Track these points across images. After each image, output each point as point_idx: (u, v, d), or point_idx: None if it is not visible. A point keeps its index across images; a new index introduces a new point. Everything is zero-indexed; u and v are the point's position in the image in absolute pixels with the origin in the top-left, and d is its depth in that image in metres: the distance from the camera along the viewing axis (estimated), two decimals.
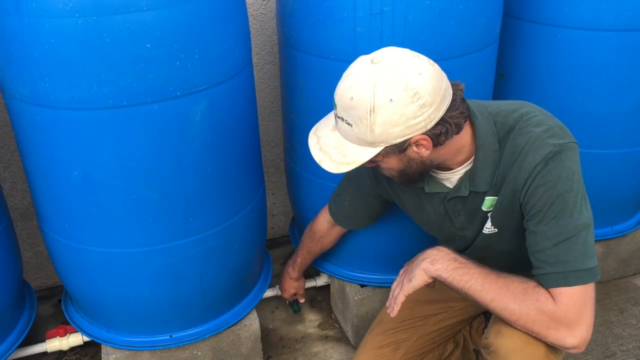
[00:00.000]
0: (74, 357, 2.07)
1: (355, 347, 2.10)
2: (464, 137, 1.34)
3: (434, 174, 1.44)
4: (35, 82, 1.38)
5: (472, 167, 1.38)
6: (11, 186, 2.21)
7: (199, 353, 1.88)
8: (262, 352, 2.00)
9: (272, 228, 2.70)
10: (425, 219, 1.57)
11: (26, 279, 2.08)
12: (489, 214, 1.42)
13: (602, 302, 2.28)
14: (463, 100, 1.29)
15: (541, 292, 1.28)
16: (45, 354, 1.98)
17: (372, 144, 1.25)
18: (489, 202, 1.40)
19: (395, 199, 1.64)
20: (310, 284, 2.25)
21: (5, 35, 1.36)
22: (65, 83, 1.36)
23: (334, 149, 1.30)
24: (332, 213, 1.82)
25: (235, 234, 1.75)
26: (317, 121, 1.82)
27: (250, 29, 1.84)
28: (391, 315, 1.45)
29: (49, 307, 2.32)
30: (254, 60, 2.09)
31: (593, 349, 2.07)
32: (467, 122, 1.34)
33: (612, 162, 2.07)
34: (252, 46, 1.85)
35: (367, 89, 1.20)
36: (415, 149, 1.27)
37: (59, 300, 2.12)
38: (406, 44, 1.59)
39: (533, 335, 1.30)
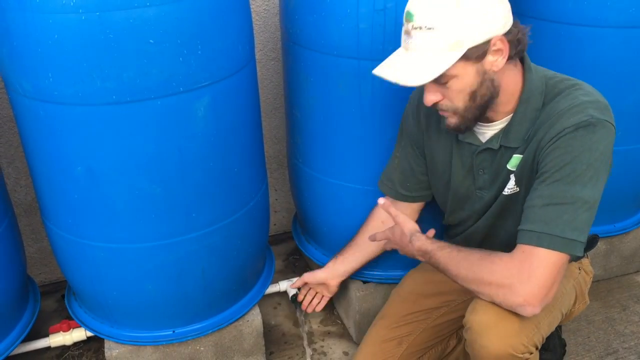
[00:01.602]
0: (77, 352, 2.08)
1: (357, 343, 2.10)
2: (518, 80, 1.36)
3: None
4: (39, 78, 1.39)
5: (509, 122, 1.39)
6: (15, 182, 2.22)
7: (202, 348, 1.88)
8: (264, 348, 2.01)
9: (275, 224, 2.70)
10: (449, 174, 1.56)
11: (30, 274, 2.09)
12: (511, 175, 1.43)
13: (604, 300, 2.28)
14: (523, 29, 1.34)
15: (495, 254, 1.32)
16: (48, 348, 1.98)
17: (455, 45, 1.24)
18: (515, 160, 1.41)
19: (426, 149, 1.61)
20: None
21: (8, 31, 1.36)
22: (69, 78, 1.36)
23: (412, 66, 1.28)
24: (381, 182, 1.76)
25: (237, 229, 1.75)
26: (320, 118, 1.84)
27: (254, 25, 1.84)
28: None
29: (53, 302, 2.33)
30: (257, 57, 2.09)
31: (595, 346, 2.07)
32: (521, 71, 1.37)
33: (616, 159, 2.05)
34: (255, 42, 1.85)
35: None
36: (491, 58, 1.29)
37: (63, 296, 2.12)
38: None
39: (495, 302, 1.32)
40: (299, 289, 2.15)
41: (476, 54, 1.27)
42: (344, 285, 2.15)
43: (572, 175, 1.26)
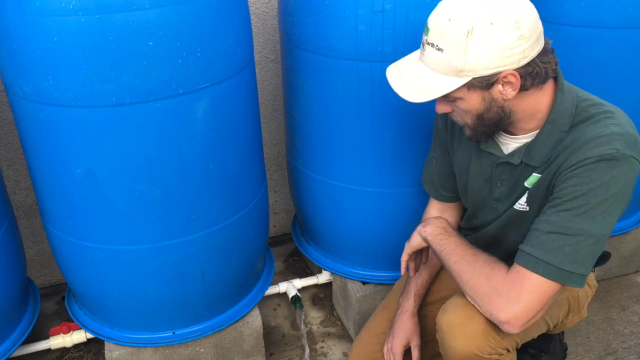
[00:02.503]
0: (77, 354, 2.08)
1: None
2: (544, 101, 1.32)
3: (495, 135, 1.43)
4: (39, 80, 1.39)
5: (534, 139, 1.36)
6: (15, 184, 2.22)
7: (202, 350, 1.88)
8: (264, 349, 2.01)
9: (274, 226, 2.70)
10: (466, 179, 1.55)
11: (30, 277, 2.09)
12: (526, 192, 1.41)
13: (604, 300, 2.29)
14: (553, 52, 1.30)
15: (499, 265, 1.31)
16: (48, 351, 1.99)
17: (460, 73, 1.23)
18: (533, 179, 1.38)
19: (450, 151, 1.60)
20: (312, 281, 2.26)
21: (8, 34, 1.37)
22: (69, 81, 1.37)
23: (417, 79, 1.28)
24: (424, 180, 1.72)
25: (237, 231, 1.76)
26: (319, 118, 1.85)
27: (253, 27, 1.85)
28: (401, 273, 1.56)
29: (53, 304, 2.33)
30: (256, 59, 2.10)
31: (594, 346, 2.07)
32: (552, 90, 1.33)
33: None
34: (255, 44, 1.86)
35: (467, 11, 1.20)
36: (501, 88, 1.26)
37: (63, 298, 2.13)
38: (408, 42, 1.60)
39: (476, 305, 1.32)
40: (299, 292, 2.16)
41: (482, 84, 1.25)
42: (343, 286, 2.15)
43: (583, 207, 1.23)
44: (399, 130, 1.74)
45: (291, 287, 2.19)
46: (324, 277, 2.26)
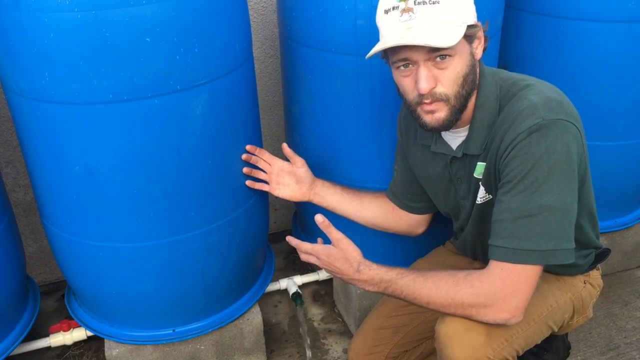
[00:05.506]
0: (77, 352, 2.08)
1: None
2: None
3: (442, 133, 1.45)
4: (35, 77, 1.38)
5: (469, 128, 1.38)
6: (14, 182, 2.22)
7: (202, 347, 1.88)
8: (265, 346, 2.00)
9: (275, 222, 2.70)
10: (432, 185, 1.57)
11: (29, 274, 2.09)
12: (480, 182, 1.41)
13: (606, 295, 2.28)
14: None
15: (473, 277, 1.29)
16: (49, 348, 1.99)
17: (458, 21, 1.24)
18: (480, 168, 1.39)
19: (409, 159, 1.62)
20: (312, 277, 2.25)
21: (4, 30, 1.36)
22: (65, 78, 1.36)
23: (427, 33, 1.21)
24: (387, 194, 1.75)
25: (237, 227, 1.75)
26: (319, 114, 1.83)
27: (251, 22, 1.84)
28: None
29: (53, 302, 2.33)
30: (255, 54, 2.08)
31: (597, 342, 2.06)
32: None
33: (616, 155, 2.06)
34: (254, 40, 1.84)
35: None
36: (476, 43, 1.30)
37: (63, 295, 2.12)
38: None
39: (475, 320, 1.30)
40: (300, 289, 2.15)
41: (470, 34, 1.27)
42: (344, 283, 2.14)
43: (535, 184, 1.22)
44: None
45: (292, 283, 2.18)
46: (324, 274, 2.25)
